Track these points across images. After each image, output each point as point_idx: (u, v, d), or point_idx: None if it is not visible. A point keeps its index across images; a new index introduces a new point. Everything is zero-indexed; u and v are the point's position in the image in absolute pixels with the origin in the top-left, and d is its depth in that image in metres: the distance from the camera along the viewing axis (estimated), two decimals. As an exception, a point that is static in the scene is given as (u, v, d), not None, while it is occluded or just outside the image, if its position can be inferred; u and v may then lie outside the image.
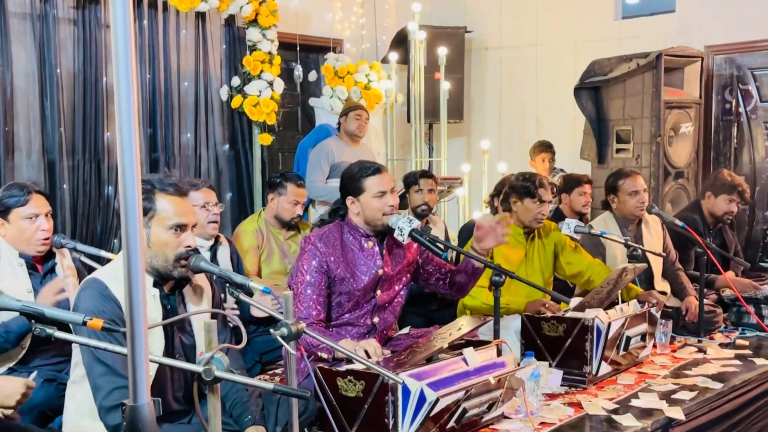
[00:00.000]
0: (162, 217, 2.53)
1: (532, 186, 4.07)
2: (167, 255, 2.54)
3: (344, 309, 3.34)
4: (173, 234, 2.53)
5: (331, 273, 3.27)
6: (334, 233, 3.35)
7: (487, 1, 7.80)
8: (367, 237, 3.35)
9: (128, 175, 1.44)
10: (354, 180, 3.31)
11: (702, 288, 4.48)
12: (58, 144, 5.24)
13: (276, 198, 4.60)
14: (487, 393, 2.89)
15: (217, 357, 2.01)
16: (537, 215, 4.08)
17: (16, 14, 5.08)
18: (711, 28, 6.48)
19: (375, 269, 3.33)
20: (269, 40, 6.22)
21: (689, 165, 6.24)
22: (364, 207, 3.30)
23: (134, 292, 1.48)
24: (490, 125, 7.93)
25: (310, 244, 3.29)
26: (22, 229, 3.26)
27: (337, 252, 3.29)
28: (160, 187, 2.54)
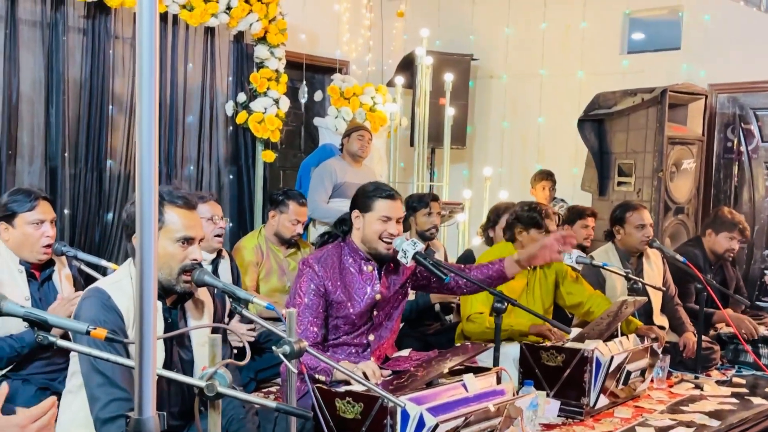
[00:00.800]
0: (170, 230, 2.51)
1: (539, 216, 4.08)
2: (172, 267, 2.52)
3: (340, 332, 3.33)
4: (180, 247, 2.52)
5: (328, 296, 3.26)
6: (332, 256, 3.34)
7: (494, 30, 7.85)
8: (367, 261, 3.34)
9: (146, 188, 1.43)
10: (366, 197, 3.33)
11: (701, 324, 4.48)
12: (60, 152, 5.23)
13: (277, 215, 4.59)
14: (486, 420, 2.86)
15: (220, 372, 1.99)
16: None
17: (26, 21, 5.09)
18: (715, 66, 6.54)
19: (372, 294, 3.31)
20: (277, 58, 6.25)
21: (690, 201, 6.27)
22: (365, 225, 3.30)
23: (145, 303, 1.46)
24: (493, 152, 7.96)
25: (308, 267, 3.28)
26: (27, 235, 3.24)
27: (335, 275, 3.28)
28: (169, 200, 2.53)
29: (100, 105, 5.41)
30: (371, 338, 3.38)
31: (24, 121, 5.14)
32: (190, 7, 5.57)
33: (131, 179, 5.56)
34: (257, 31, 6.09)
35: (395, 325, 3.51)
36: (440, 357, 3.15)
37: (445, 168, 7.13)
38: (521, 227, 4.13)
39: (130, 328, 2.50)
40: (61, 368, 3.32)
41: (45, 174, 5.21)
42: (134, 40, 5.52)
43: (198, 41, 5.98)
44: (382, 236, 3.28)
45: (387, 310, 3.42)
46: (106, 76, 5.42)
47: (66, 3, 5.16)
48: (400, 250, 3.27)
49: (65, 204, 5.25)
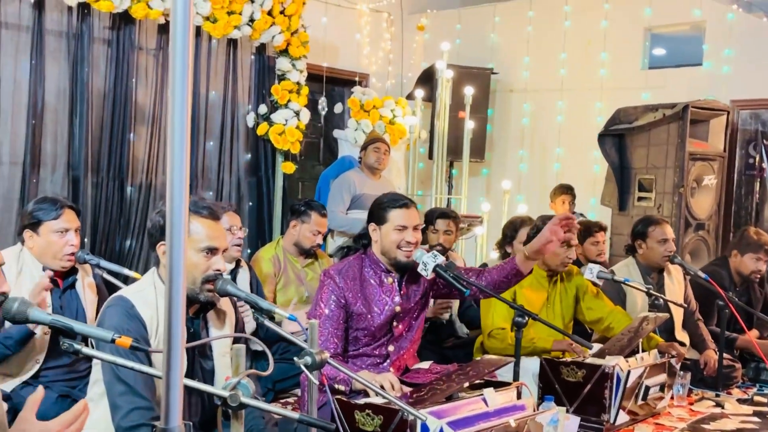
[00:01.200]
0: (194, 240, 2.52)
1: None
2: (195, 277, 2.54)
3: (360, 343, 3.33)
4: (204, 257, 2.53)
5: (349, 308, 3.27)
6: (353, 267, 3.34)
7: (514, 44, 7.86)
8: (388, 272, 3.34)
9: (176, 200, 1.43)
10: (381, 208, 3.34)
11: (722, 342, 4.44)
12: (83, 161, 5.27)
13: (298, 225, 4.61)
14: None
15: (243, 383, 1.99)
16: (564, 259, 4.06)
17: (52, 32, 5.15)
18: (738, 82, 6.50)
19: (392, 306, 3.31)
20: (298, 71, 6.28)
21: (710, 217, 6.22)
22: (382, 236, 3.30)
23: (174, 313, 1.47)
24: (511, 166, 7.94)
25: (329, 278, 3.29)
26: (51, 243, 3.25)
27: (355, 287, 3.29)
28: (194, 210, 2.54)
29: (123, 115, 5.45)
30: (390, 349, 3.37)
31: (48, 130, 5.19)
32: (214, 19, 5.61)
33: (153, 188, 5.60)
34: (279, 44, 6.13)
35: (416, 335, 3.50)
36: (460, 371, 3.14)
37: (463, 181, 7.13)
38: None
39: (153, 337, 2.51)
40: (81, 376, 3.34)
41: (67, 183, 5.26)
42: (158, 52, 5.58)
43: (221, 53, 6.03)
44: (400, 245, 3.28)
45: (407, 322, 3.42)
46: (130, 87, 5.47)
47: (92, 14, 5.22)
48: (420, 262, 3.27)
49: (87, 213, 5.29)
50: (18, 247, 3.30)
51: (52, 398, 3.18)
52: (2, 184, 5.04)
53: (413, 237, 3.30)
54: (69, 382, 3.33)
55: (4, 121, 5.01)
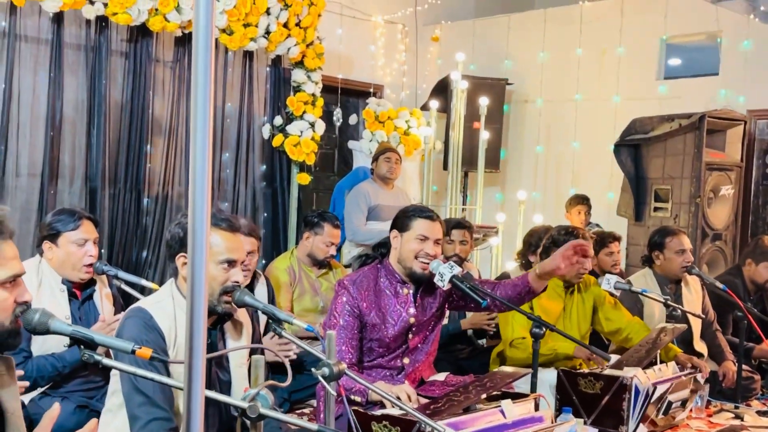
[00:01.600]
0: (213, 252, 2.54)
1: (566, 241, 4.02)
2: (213, 288, 2.55)
3: (375, 354, 3.33)
4: (223, 269, 2.55)
5: (363, 318, 3.27)
6: (368, 277, 3.35)
7: (529, 54, 7.86)
8: (403, 283, 3.34)
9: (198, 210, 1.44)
10: (406, 216, 3.35)
11: (741, 353, 4.40)
12: (101, 172, 5.31)
13: (311, 237, 4.62)
14: None
15: (262, 394, 1.99)
16: (579, 270, 4.04)
17: (71, 45, 5.20)
18: (754, 92, 6.47)
19: (407, 317, 3.31)
20: (314, 82, 6.31)
21: (727, 227, 6.18)
22: (403, 243, 3.31)
23: (195, 324, 1.47)
24: (527, 176, 7.93)
25: (344, 288, 3.30)
26: (70, 254, 3.27)
27: (370, 297, 3.29)
28: (213, 222, 2.56)
29: (140, 127, 5.49)
30: (406, 361, 3.37)
31: (66, 142, 5.23)
32: (230, 32, 5.65)
33: (169, 200, 5.63)
34: (295, 56, 6.17)
35: (431, 348, 3.50)
36: (478, 382, 3.13)
37: (478, 191, 7.13)
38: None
39: (171, 348, 2.52)
40: (98, 386, 3.36)
41: (85, 194, 5.29)
42: (175, 64, 5.62)
43: (237, 65, 6.07)
44: (418, 255, 3.28)
45: (423, 334, 3.42)
46: (147, 99, 5.51)
47: (109, 27, 5.27)
48: (437, 273, 3.27)
49: (104, 224, 5.32)
50: (37, 260, 3.32)
51: (69, 409, 3.20)
52: (20, 195, 5.08)
53: (433, 249, 3.30)
54: (86, 392, 3.35)
55: (23, 133, 5.06)
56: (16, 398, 1.98)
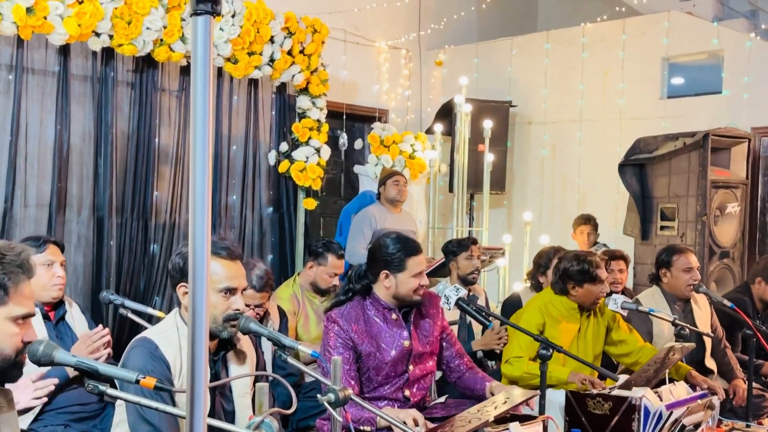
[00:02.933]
0: (213, 280, 2.54)
1: (591, 269, 3.97)
2: (216, 316, 2.56)
3: (374, 383, 3.32)
4: (223, 297, 2.55)
5: (357, 348, 3.26)
6: (356, 309, 3.34)
7: (532, 76, 7.90)
8: (390, 310, 3.34)
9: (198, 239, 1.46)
10: (395, 258, 3.30)
11: (751, 371, 4.37)
12: (108, 201, 5.34)
13: (315, 267, 4.63)
14: None
15: (267, 422, 2.01)
16: (598, 294, 4.02)
17: (77, 76, 5.26)
18: (758, 109, 6.49)
19: (401, 341, 3.31)
20: (318, 108, 6.36)
21: (735, 245, 6.17)
22: (399, 284, 3.30)
23: (197, 352, 1.48)
24: (532, 198, 7.94)
25: (333, 322, 3.29)
26: (39, 276, 3.31)
27: (360, 327, 3.29)
28: (213, 250, 2.56)
29: (147, 156, 5.53)
30: (407, 393, 3.36)
31: (74, 172, 5.27)
32: (235, 60, 5.71)
33: (176, 228, 5.66)
34: (299, 83, 6.22)
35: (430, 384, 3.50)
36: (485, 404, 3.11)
37: (484, 213, 7.14)
38: (573, 283, 4.02)
39: (177, 378, 2.53)
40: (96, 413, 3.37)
41: (93, 223, 5.32)
42: (180, 93, 5.67)
43: (242, 92, 6.12)
44: (417, 290, 3.30)
45: (423, 367, 3.40)
46: (153, 128, 5.56)
47: (115, 58, 5.32)
48: (442, 296, 3.28)
49: (112, 252, 5.35)
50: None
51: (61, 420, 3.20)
52: (29, 226, 5.12)
53: (426, 280, 3.35)
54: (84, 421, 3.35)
55: (31, 164, 5.10)
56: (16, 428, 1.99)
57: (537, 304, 4.14)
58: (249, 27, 5.66)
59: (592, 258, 4.06)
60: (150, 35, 5.16)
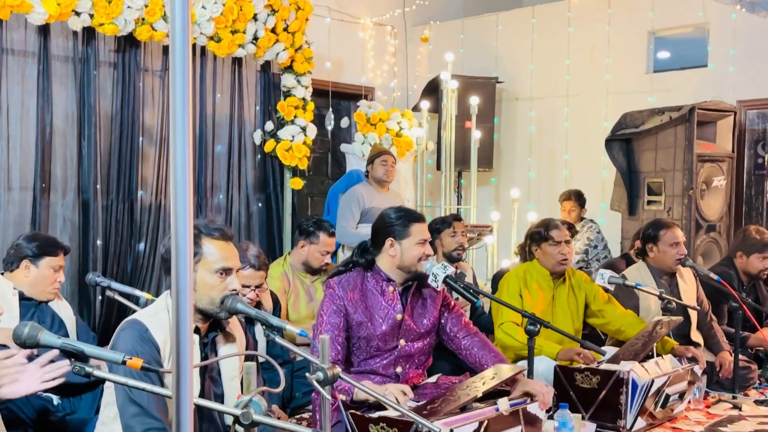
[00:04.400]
0: (208, 261, 2.55)
1: (544, 230, 4.19)
2: (213, 297, 2.55)
3: (364, 354, 3.32)
4: (219, 277, 2.55)
5: (349, 317, 3.28)
6: (356, 279, 3.36)
7: (518, 52, 7.87)
8: (389, 281, 3.35)
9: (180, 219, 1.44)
10: (400, 224, 3.33)
11: (737, 343, 4.41)
12: (92, 184, 5.31)
13: (307, 246, 4.60)
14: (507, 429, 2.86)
15: (255, 400, 2.00)
16: (557, 255, 4.11)
17: (58, 57, 5.19)
18: (744, 82, 6.49)
19: (393, 314, 3.32)
20: (303, 87, 6.31)
21: (721, 218, 6.20)
22: (404, 251, 3.30)
23: (182, 332, 1.47)
24: (520, 174, 7.94)
25: (330, 289, 3.33)
26: (46, 277, 3.51)
27: (356, 296, 3.31)
28: (206, 232, 2.57)
29: (131, 137, 5.49)
30: (399, 370, 3.36)
31: (57, 154, 5.23)
32: (218, 39, 5.65)
33: (162, 209, 5.63)
34: (284, 61, 6.17)
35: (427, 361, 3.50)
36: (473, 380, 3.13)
37: (472, 191, 7.13)
38: (534, 245, 4.26)
39: (167, 360, 2.52)
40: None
41: (78, 206, 5.29)
42: (163, 73, 5.61)
43: (225, 72, 6.06)
44: (421, 258, 3.31)
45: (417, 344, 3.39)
46: (136, 109, 5.51)
47: (97, 38, 5.26)
48: (430, 273, 3.28)
49: (98, 235, 5.32)
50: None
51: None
52: (13, 209, 5.08)
53: (431, 250, 3.36)
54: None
55: (14, 147, 5.05)
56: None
57: (515, 272, 4.22)
58: (231, 5, 5.60)
59: (550, 221, 4.26)
60: (131, 14, 5.10)
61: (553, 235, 4.16)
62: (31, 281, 3.49)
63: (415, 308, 3.41)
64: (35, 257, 3.49)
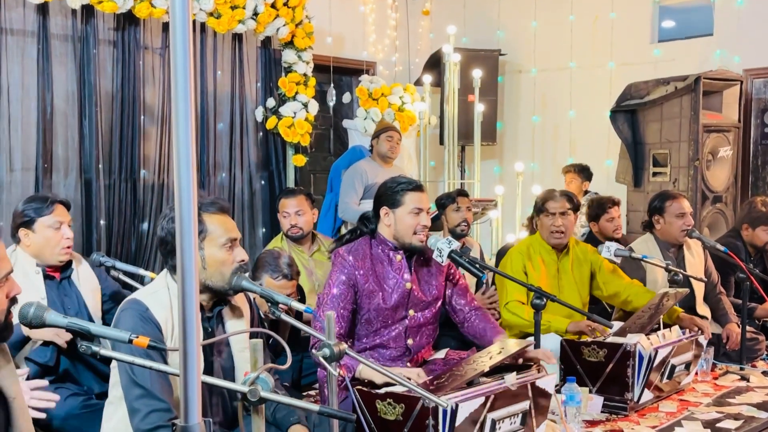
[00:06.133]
0: (213, 237, 2.54)
1: (542, 201, 4.20)
2: (224, 273, 2.55)
3: (373, 326, 3.31)
4: (227, 250, 2.55)
5: (359, 287, 3.25)
6: (363, 246, 3.34)
7: (521, 24, 7.79)
8: (395, 250, 3.33)
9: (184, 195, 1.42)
10: (394, 191, 3.30)
11: (744, 315, 4.39)
12: (95, 163, 5.28)
13: (279, 216, 4.66)
14: (515, 404, 2.85)
15: (262, 377, 1.98)
16: (550, 227, 4.09)
17: (57, 36, 5.15)
18: (750, 51, 6.41)
19: (403, 283, 3.30)
20: (305, 62, 6.26)
21: (727, 189, 6.16)
22: (397, 220, 3.28)
23: (188, 310, 1.45)
24: (524, 148, 7.89)
25: (340, 257, 3.29)
26: (48, 238, 3.28)
27: (366, 265, 3.28)
28: (204, 209, 2.56)
29: (132, 115, 5.45)
30: (410, 342, 3.35)
31: (58, 134, 5.20)
32: (217, 15, 5.59)
33: (165, 188, 5.60)
34: (284, 36, 6.11)
35: (434, 331, 3.50)
36: (480, 355, 3.12)
37: (476, 165, 7.09)
38: (535, 216, 4.29)
39: (168, 339, 2.51)
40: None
41: (80, 186, 5.27)
42: (164, 50, 5.56)
43: (226, 48, 6.01)
44: (416, 230, 3.26)
45: (425, 314, 3.38)
46: (137, 87, 5.46)
47: (96, 16, 5.21)
48: (435, 249, 3.26)
49: (101, 214, 5.30)
50: (11, 248, 3.33)
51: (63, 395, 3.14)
52: (16, 190, 5.06)
53: (427, 220, 3.29)
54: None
55: (15, 128, 5.02)
56: (16, 382, 1.96)
57: (518, 248, 4.21)
58: (231, -20, 5.54)
59: (550, 193, 4.23)
60: (130, -9, 5.05)
61: (547, 206, 4.14)
62: (34, 249, 3.28)
63: (422, 277, 3.39)
64: (29, 222, 3.27)
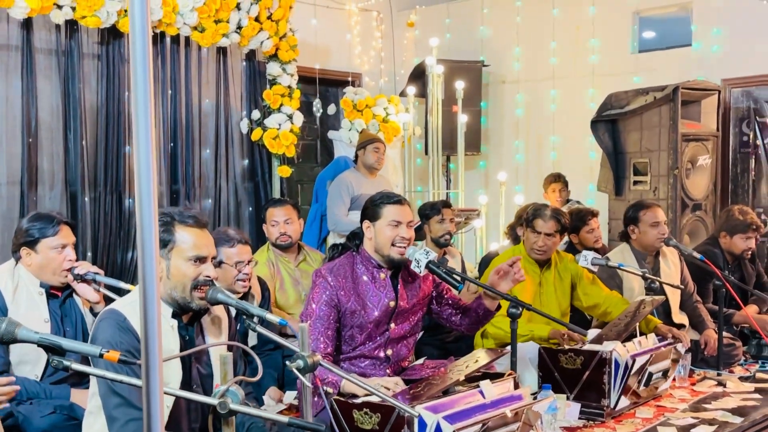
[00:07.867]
0: (181, 249, 2.56)
1: (531, 215, 4.21)
2: (185, 285, 2.56)
3: (357, 342, 3.34)
4: (193, 265, 2.56)
5: (341, 306, 3.28)
6: (345, 266, 3.36)
7: (504, 35, 7.86)
8: (380, 268, 3.37)
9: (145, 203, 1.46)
10: (374, 205, 3.36)
11: (721, 321, 4.45)
12: (80, 176, 5.31)
13: (265, 226, 4.71)
14: (504, 426, 2.88)
15: (232, 390, 2.03)
16: (533, 245, 4.14)
17: (42, 50, 5.19)
18: (728, 61, 6.50)
19: (386, 301, 3.33)
20: (289, 74, 6.31)
21: (707, 197, 6.23)
22: (377, 232, 3.32)
23: (149, 323, 1.49)
24: (507, 157, 7.95)
25: (321, 278, 3.30)
26: (50, 259, 3.26)
27: (348, 285, 3.30)
28: (179, 219, 2.57)
29: (117, 129, 5.49)
30: (389, 353, 3.39)
31: (43, 147, 5.23)
32: (201, 29, 5.65)
33: (150, 200, 5.62)
34: (268, 49, 6.16)
35: (414, 339, 3.54)
36: (456, 364, 3.16)
37: (460, 175, 7.15)
38: (524, 227, 4.30)
39: (147, 348, 2.54)
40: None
41: (66, 199, 5.30)
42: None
43: (210, 61, 6.06)
44: (394, 242, 3.30)
45: (404, 325, 3.42)
46: (122, 100, 5.50)
47: (80, 30, 5.26)
48: (413, 259, 3.30)
49: (87, 227, 5.33)
50: (12, 263, 3.32)
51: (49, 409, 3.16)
52: (1, 204, 5.09)
53: (407, 233, 3.33)
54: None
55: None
56: None
57: (502, 258, 4.24)
58: (214, -6, 5.59)
59: (541, 208, 4.22)
60: (113, 6, 5.10)
61: (535, 224, 4.16)
62: (35, 269, 3.26)
63: (407, 290, 3.43)
64: (32, 242, 3.23)
